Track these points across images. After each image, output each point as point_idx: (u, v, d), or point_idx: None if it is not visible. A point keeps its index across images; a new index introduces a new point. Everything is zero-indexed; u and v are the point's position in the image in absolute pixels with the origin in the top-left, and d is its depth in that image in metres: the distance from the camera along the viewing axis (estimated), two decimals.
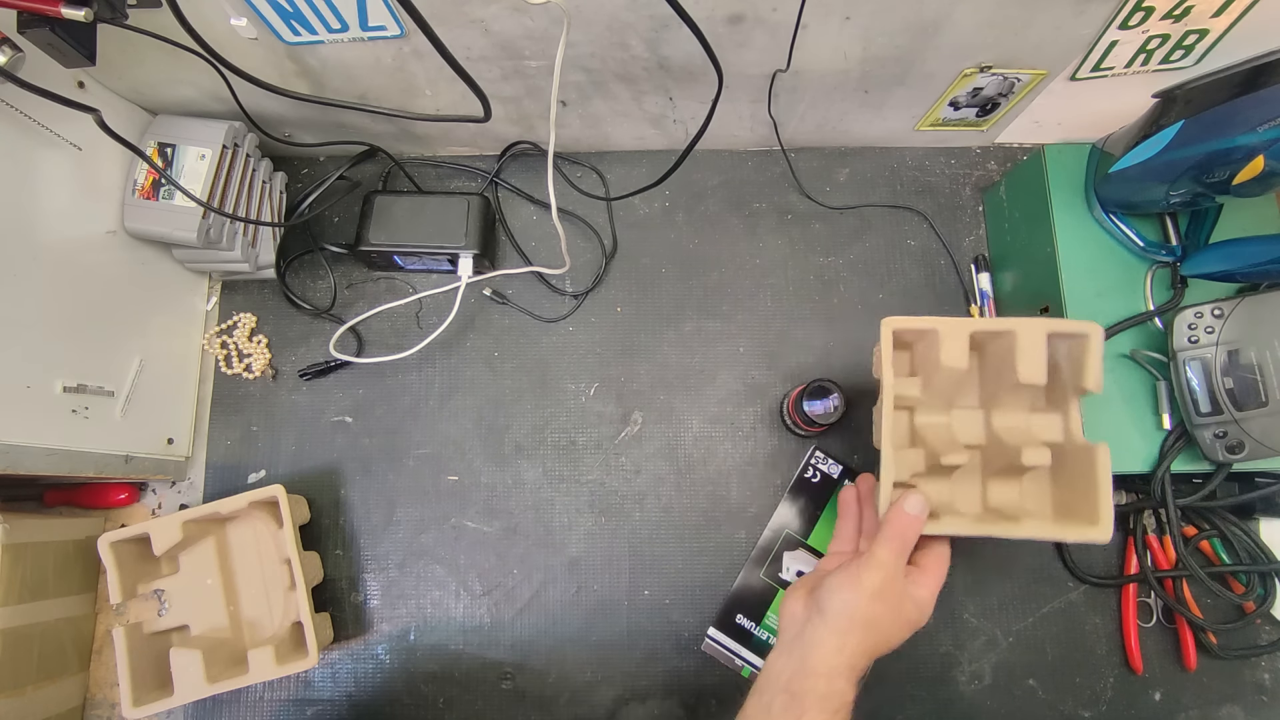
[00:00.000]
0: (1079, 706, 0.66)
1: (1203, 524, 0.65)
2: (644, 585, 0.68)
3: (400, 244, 0.69)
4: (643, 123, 0.71)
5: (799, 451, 0.70)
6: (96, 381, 0.61)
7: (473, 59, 0.59)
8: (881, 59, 0.60)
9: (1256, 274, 0.57)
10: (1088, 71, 0.60)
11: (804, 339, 0.73)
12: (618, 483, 0.71)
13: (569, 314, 0.74)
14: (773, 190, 0.76)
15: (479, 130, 0.72)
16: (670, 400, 0.72)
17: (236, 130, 0.66)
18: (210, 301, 0.75)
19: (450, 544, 0.69)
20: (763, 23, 0.54)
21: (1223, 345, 0.56)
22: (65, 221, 0.58)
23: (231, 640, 0.65)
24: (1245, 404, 0.55)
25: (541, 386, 0.72)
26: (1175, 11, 0.52)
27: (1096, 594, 0.68)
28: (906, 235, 0.75)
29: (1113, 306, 0.61)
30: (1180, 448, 0.59)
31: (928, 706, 0.66)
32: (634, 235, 0.75)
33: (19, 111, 0.53)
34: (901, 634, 0.49)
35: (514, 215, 0.76)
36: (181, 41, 0.50)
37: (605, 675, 0.67)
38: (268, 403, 0.72)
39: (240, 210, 0.67)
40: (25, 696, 0.60)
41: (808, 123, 0.71)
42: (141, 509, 0.71)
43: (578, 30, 0.55)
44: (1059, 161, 0.65)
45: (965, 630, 0.67)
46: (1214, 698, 0.66)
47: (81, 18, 0.43)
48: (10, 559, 0.58)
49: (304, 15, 0.53)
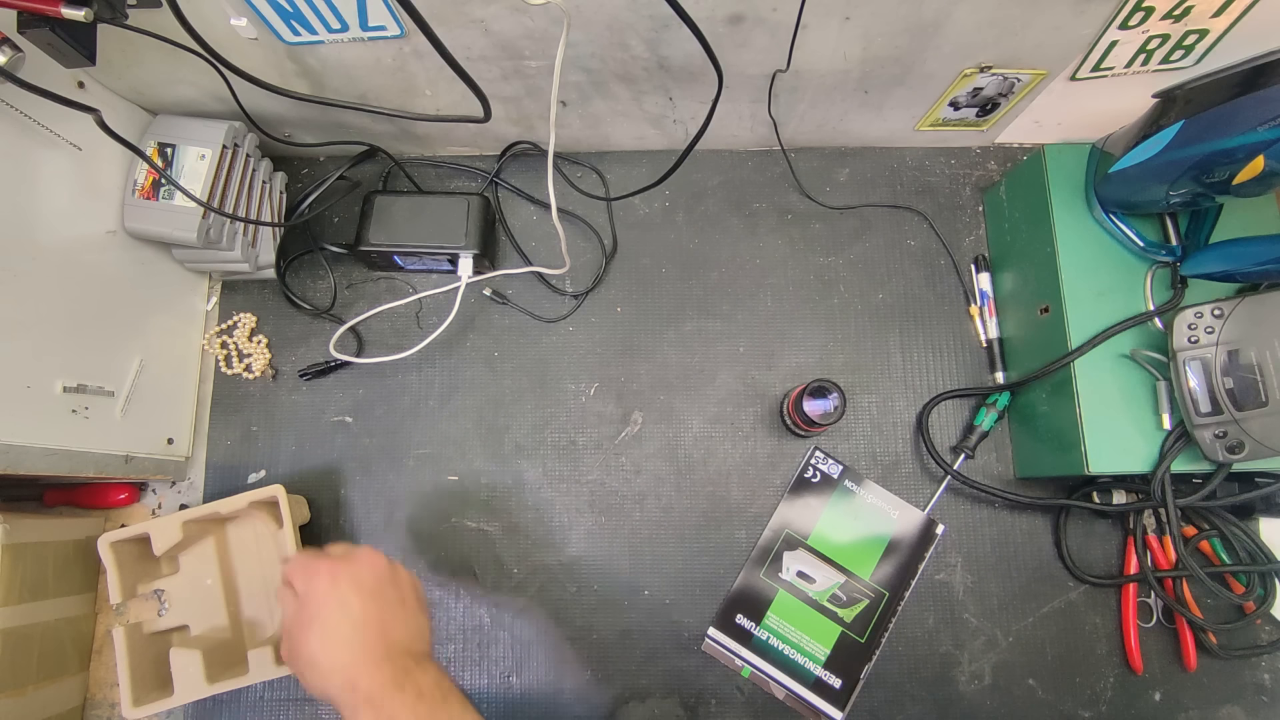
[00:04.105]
0: (1079, 706, 0.66)
1: (1203, 524, 0.65)
2: (644, 585, 0.68)
3: (400, 244, 0.69)
4: (643, 123, 0.71)
5: (799, 451, 0.70)
6: (96, 381, 0.61)
7: (473, 59, 0.59)
8: (881, 59, 0.60)
9: (1256, 274, 0.57)
10: (1088, 71, 0.60)
11: (804, 339, 0.73)
12: (618, 483, 0.70)
13: (569, 314, 0.74)
14: (773, 190, 0.76)
15: (479, 130, 0.72)
16: (670, 400, 0.72)
17: (236, 130, 0.66)
18: (210, 301, 0.75)
19: (450, 544, 0.69)
20: (763, 23, 0.54)
21: (1223, 345, 0.56)
22: (65, 221, 0.58)
23: (231, 640, 0.65)
24: (1245, 404, 0.55)
25: (541, 386, 0.72)
26: (1175, 11, 0.52)
27: (1096, 594, 0.68)
28: (906, 235, 0.75)
29: (1113, 306, 0.61)
30: (1180, 448, 0.59)
31: (928, 706, 0.66)
32: (634, 235, 0.75)
33: (19, 111, 0.53)
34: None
35: (514, 215, 0.76)
36: (181, 41, 0.50)
37: (605, 675, 0.67)
38: (268, 403, 0.72)
39: (240, 210, 0.67)
40: (25, 696, 0.60)
41: (808, 123, 0.71)
42: (141, 509, 0.71)
43: (578, 30, 0.55)
44: (1059, 161, 0.65)
45: (965, 630, 0.67)
46: (1214, 698, 0.66)
47: (81, 18, 0.43)
48: (10, 559, 0.58)
49: (304, 15, 0.53)
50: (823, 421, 0.63)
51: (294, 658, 0.47)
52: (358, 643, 0.46)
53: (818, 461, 0.70)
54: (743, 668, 0.66)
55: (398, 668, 0.45)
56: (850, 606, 0.67)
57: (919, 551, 0.68)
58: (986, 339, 0.72)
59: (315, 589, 0.47)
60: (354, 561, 0.49)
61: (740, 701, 0.67)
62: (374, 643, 0.46)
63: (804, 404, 0.64)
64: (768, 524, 0.69)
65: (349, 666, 0.45)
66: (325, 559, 0.49)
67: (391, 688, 0.44)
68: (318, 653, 0.46)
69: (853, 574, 0.67)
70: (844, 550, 0.68)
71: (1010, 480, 0.70)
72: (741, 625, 0.67)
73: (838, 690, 0.66)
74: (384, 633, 0.47)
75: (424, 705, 0.43)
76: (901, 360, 0.72)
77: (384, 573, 0.50)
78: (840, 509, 0.69)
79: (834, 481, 0.69)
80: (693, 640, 0.67)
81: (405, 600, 0.50)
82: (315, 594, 0.47)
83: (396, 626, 0.48)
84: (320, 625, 0.46)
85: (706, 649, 0.67)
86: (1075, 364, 0.61)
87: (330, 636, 0.46)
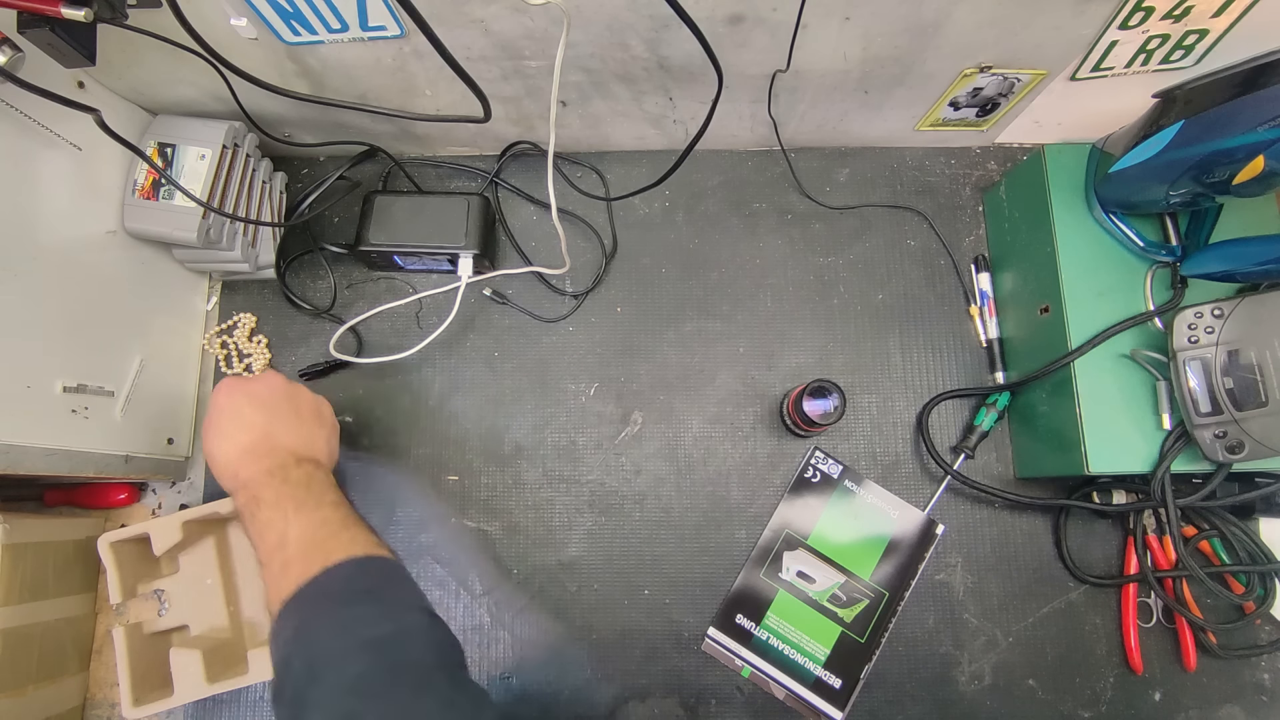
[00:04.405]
0: (1079, 706, 0.66)
1: (1202, 524, 0.65)
2: (644, 585, 0.68)
3: (400, 244, 0.69)
4: (643, 123, 0.71)
5: (799, 451, 0.70)
6: (96, 381, 0.61)
7: (473, 59, 0.59)
8: (881, 59, 0.60)
9: (1256, 274, 0.57)
10: (1088, 71, 0.60)
11: (804, 339, 0.73)
12: (618, 483, 0.70)
13: (569, 314, 0.74)
14: (773, 190, 0.76)
15: (479, 130, 0.72)
16: (670, 400, 0.72)
17: (236, 130, 0.66)
18: (210, 301, 0.75)
19: (450, 544, 0.69)
20: (763, 23, 0.54)
21: (1223, 345, 0.56)
22: (65, 221, 0.58)
23: (231, 640, 0.65)
24: (1245, 404, 0.55)
25: (541, 386, 0.72)
26: (1175, 11, 0.52)
27: (1096, 594, 0.68)
28: (906, 235, 0.75)
29: (1113, 306, 0.61)
30: (1180, 448, 0.59)
31: (928, 706, 0.66)
32: (634, 235, 0.75)
33: (19, 111, 0.53)
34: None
35: (514, 215, 0.76)
36: (181, 41, 0.50)
37: (605, 675, 0.67)
38: None
39: (240, 210, 0.67)
40: (25, 696, 0.60)
41: (808, 123, 0.71)
42: (141, 509, 0.70)
43: (578, 30, 0.55)
44: (1059, 161, 0.65)
45: (965, 630, 0.67)
46: (1214, 698, 0.66)
47: (81, 18, 0.43)
48: (10, 559, 0.58)
49: (304, 15, 0.53)
50: (823, 421, 0.63)
51: (206, 458, 0.55)
52: (245, 442, 0.53)
53: (818, 461, 0.70)
54: (743, 668, 0.66)
55: (275, 463, 0.52)
56: (850, 606, 0.67)
57: (919, 551, 0.68)
58: (986, 339, 0.72)
59: (217, 399, 0.55)
60: (255, 379, 0.57)
61: (740, 701, 0.67)
62: (259, 443, 0.53)
63: (804, 404, 0.64)
64: (768, 524, 0.69)
65: (234, 461, 0.52)
66: (233, 378, 0.57)
67: (264, 475, 0.51)
68: (214, 451, 0.53)
69: (853, 574, 0.67)
70: (844, 550, 0.68)
71: (1010, 480, 0.70)
72: (741, 625, 0.67)
73: (838, 690, 0.66)
74: (269, 435, 0.54)
75: (288, 488, 0.50)
76: (901, 360, 0.72)
77: (280, 388, 0.57)
78: (840, 509, 0.69)
79: (834, 481, 0.69)
80: (693, 640, 0.67)
81: (300, 413, 0.57)
82: (217, 403, 0.55)
83: (283, 433, 0.55)
84: (216, 428, 0.54)
85: (706, 649, 0.67)
86: (1075, 364, 0.61)
87: (223, 437, 0.53)
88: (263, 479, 0.51)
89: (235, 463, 0.53)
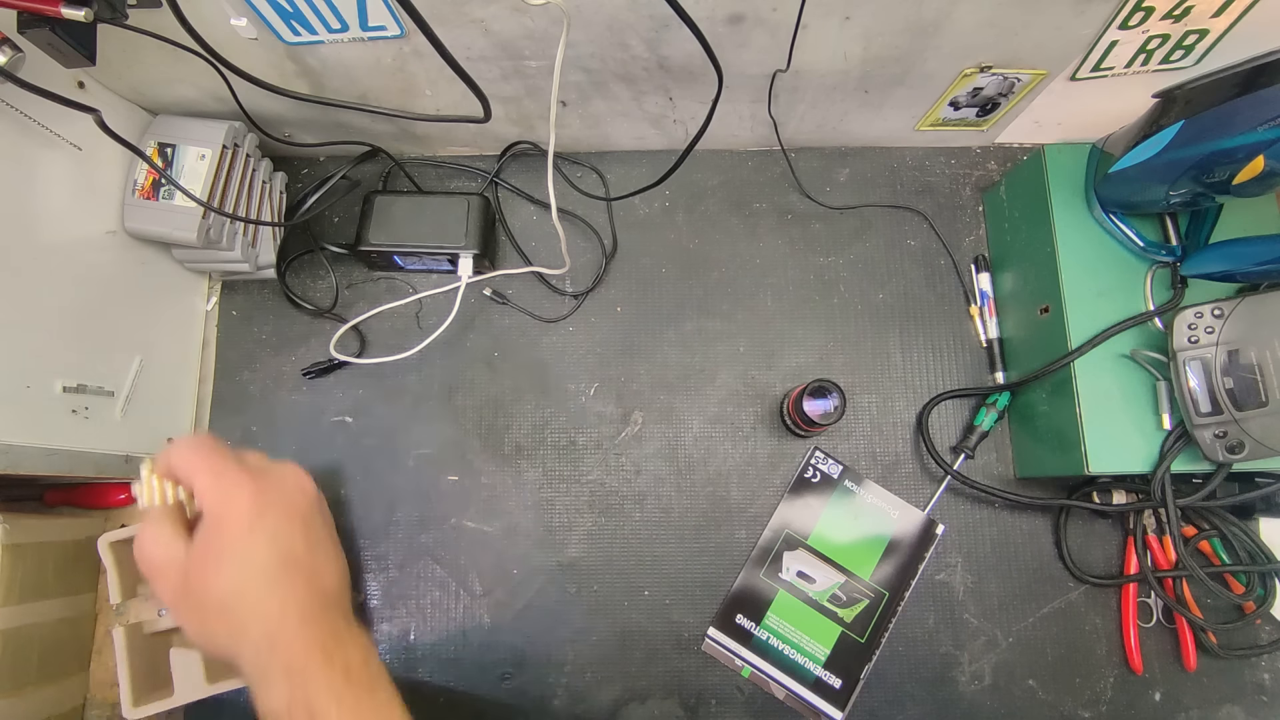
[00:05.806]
0: (1079, 707, 0.66)
1: (1203, 524, 0.65)
2: (644, 585, 0.68)
3: (400, 244, 0.69)
4: (643, 123, 0.71)
5: (799, 451, 0.70)
6: (96, 381, 0.60)
7: (473, 59, 0.59)
8: (881, 59, 0.60)
9: (1256, 274, 0.57)
10: (1088, 71, 0.60)
11: (804, 339, 0.73)
12: (618, 483, 0.70)
13: (569, 314, 0.74)
14: (773, 190, 0.76)
15: (479, 130, 0.72)
16: (670, 400, 0.72)
17: (236, 130, 0.66)
18: (210, 301, 0.75)
19: (450, 544, 0.69)
20: (763, 23, 0.54)
21: (1223, 345, 0.56)
22: (65, 221, 0.58)
23: None
24: (1245, 404, 0.55)
25: (541, 386, 0.72)
26: (1175, 11, 0.52)
27: (1096, 594, 0.68)
28: (906, 235, 0.75)
29: (1113, 306, 0.61)
30: (1180, 448, 0.59)
31: (928, 706, 0.66)
32: (634, 235, 0.75)
33: (19, 111, 0.53)
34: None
35: (514, 215, 0.76)
36: (181, 41, 0.50)
37: (605, 675, 0.67)
38: (268, 403, 0.72)
39: (240, 210, 0.67)
40: (25, 696, 0.60)
41: (808, 123, 0.71)
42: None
43: (578, 30, 0.55)
44: (1059, 161, 0.65)
45: (965, 630, 0.67)
46: (1214, 698, 0.66)
47: (81, 18, 0.43)
48: (10, 559, 0.58)
49: (304, 15, 0.53)
50: (823, 421, 0.63)
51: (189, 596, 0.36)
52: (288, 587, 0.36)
53: (818, 461, 0.70)
54: (743, 668, 0.66)
55: (327, 630, 0.36)
56: (850, 606, 0.67)
57: (919, 551, 0.68)
58: (986, 339, 0.72)
59: (235, 510, 0.37)
60: (282, 481, 0.40)
61: (740, 701, 0.67)
62: (304, 589, 0.37)
63: (804, 404, 0.64)
64: (768, 524, 0.69)
65: (272, 618, 0.35)
66: (243, 469, 0.38)
67: (320, 657, 0.35)
68: (231, 595, 0.35)
69: (853, 574, 0.67)
70: (844, 550, 0.68)
71: (1010, 480, 0.70)
72: (741, 625, 0.67)
73: (838, 690, 0.66)
74: (315, 577, 0.37)
75: (350, 691, 0.34)
76: (901, 360, 0.72)
77: (314, 499, 0.41)
78: (840, 509, 0.69)
79: (834, 481, 0.69)
80: (693, 640, 0.67)
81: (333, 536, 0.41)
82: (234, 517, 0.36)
83: (329, 570, 0.39)
84: (241, 559, 0.36)
85: (706, 649, 0.67)
86: (1075, 364, 0.61)
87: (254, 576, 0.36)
88: (317, 666, 0.35)
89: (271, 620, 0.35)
